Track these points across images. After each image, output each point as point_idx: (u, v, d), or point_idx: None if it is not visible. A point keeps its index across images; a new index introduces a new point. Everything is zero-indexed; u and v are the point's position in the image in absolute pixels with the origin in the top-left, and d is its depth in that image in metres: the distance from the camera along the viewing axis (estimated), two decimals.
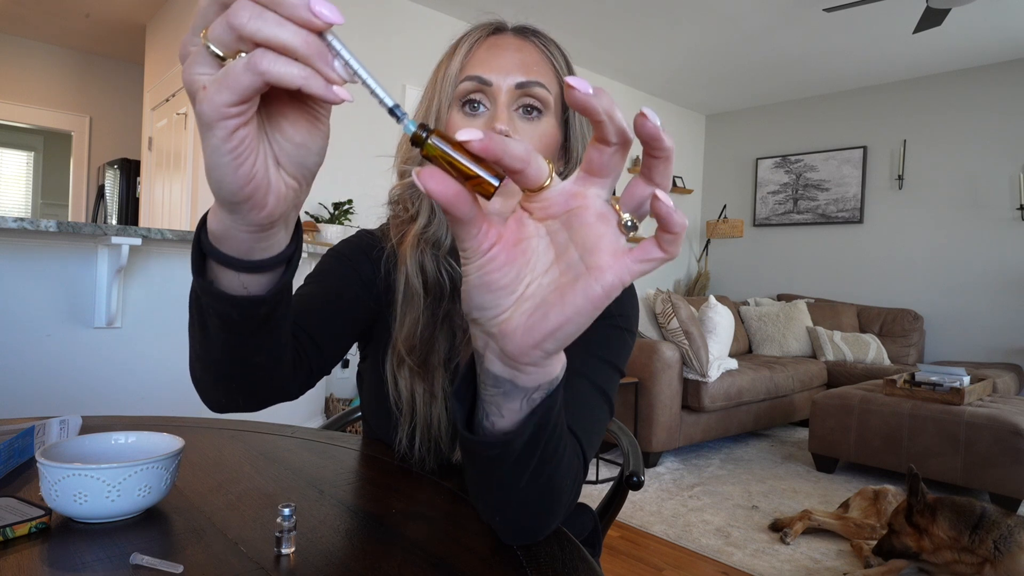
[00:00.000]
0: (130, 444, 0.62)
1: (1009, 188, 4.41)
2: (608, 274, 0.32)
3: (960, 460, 2.69)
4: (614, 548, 2.20)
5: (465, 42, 0.71)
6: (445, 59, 0.72)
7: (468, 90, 0.68)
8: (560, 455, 0.47)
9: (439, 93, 0.70)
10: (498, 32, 0.72)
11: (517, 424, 0.42)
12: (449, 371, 0.71)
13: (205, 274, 0.45)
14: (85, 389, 1.99)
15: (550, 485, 0.48)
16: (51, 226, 1.74)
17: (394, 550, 0.51)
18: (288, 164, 0.37)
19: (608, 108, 0.29)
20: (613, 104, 0.29)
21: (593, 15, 4.02)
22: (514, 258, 0.34)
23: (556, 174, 0.75)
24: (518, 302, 0.34)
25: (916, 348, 4.49)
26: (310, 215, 3.49)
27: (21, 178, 6.46)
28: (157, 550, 0.50)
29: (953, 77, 4.70)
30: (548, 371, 0.39)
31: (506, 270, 0.34)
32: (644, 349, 3.13)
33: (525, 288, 0.34)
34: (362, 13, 3.72)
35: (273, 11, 0.30)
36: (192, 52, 0.32)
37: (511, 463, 0.43)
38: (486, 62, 0.68)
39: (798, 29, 4.10)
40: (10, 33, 4.84)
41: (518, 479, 0.45)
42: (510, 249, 0.34)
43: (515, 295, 0.34)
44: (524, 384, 0.39)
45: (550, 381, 0.40)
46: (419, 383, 0.69)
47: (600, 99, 0.29)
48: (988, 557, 1.77)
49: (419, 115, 0.72)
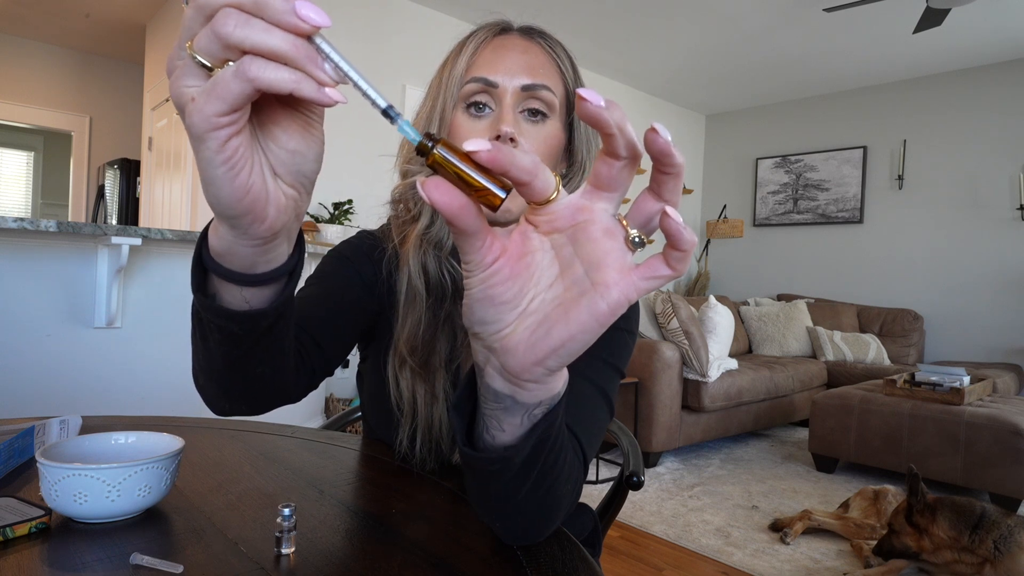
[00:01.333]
0: (130, 444, 0.62)
1: (1009, 188, 4.41)
2: (614, 291, 0.31)
3: (960, 460, 2.69)
4: (614, 548, 2.20)
5: (471, 42, 0.70)
6: (450, 59, 0.71)
7: (473, 91, 0.67)
8: (560, 467, 0.47)
9: (444, 93, 0.69)
10: (504, 33, 0.71)
11: (518, 439, 0.41)
12: (451, 372, 0.70)
13: (206, 290, 0.44)
14: (85, 389, 1.99)
15: (550, 495, 0.48)
16: (51, 226, 1.74)
17: (394, 550, 0.51)
18: (285, 173, 0.36)
19: (619, 121, 0.29)
20: (624, 117, 0.29)
21: (593, 15, 4.02)
22: (518, 272, 0.33)
23: (560, 176, 0.75)
24: (521, 317, 0.34)
25: (916, 348, 4.49)
26: (310, 215, 3.49)
27: (21, 178, 6.46)
28: (157, 550, 0.50)
29: (953, 77, 4.70)
30: (550, 387, 0.38)
31: (509, 284, 0.33)
32: (644, 349, 3.13)
33: (528, 303, 0.34)
34: (362, 13, 3.72)
35: (259, 18, 0.29)
36: (179, 65, 0.32)
37: (511, 477, 0.43)
38: (492, 63, 0.67)
39: (798, 29, 4.10)
40: (10, 33, 4.84)
41: (517, 491, 0.45)
42: (514, 263, 0.33)
43: (518, 310, 0.34)
44: (525, 400, 0.38)
45: (552, 397, 0.39)
46: (420, 384, 0.68)
47: (612, 112, 0.28)
48: (988, 557, 1.77)
49: (423, 115, 0.72)
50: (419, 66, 3.88)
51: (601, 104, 0.28)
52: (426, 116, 0.71)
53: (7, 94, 4.87)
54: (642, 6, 3.88)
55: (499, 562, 0.50)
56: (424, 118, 0.71)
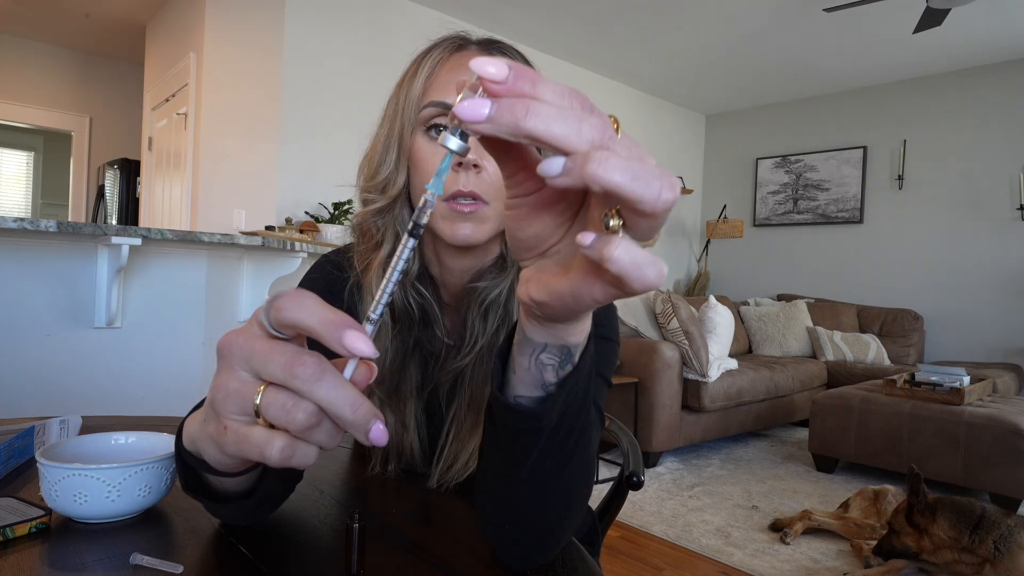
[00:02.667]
0: (130, 444, 0.62)
1: (1009, 188, 4.41)
2: (575, 282, 0.30)
3: (960, 460, 2.69)
4: (614, 548, 2.19)
5: (427, 62, 0.66)
6: (406, 80, 0.67)
7: (432, 115, 0.65)
8: (581, 453, 0.45)
9: (401, 117, 0.66)
10: (462, 49, 0.67)
11: (535, 401, 0.40)
12: (422, 399, 0.69)
13: (189, 480, 0.47)
14: (85, 389, 1.99)
15: (568, 480, 0.46)
16: (51, 226, 1.74)
17: (394, 550, 0.51)
18: None
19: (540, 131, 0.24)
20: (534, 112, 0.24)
21: (593, 15, 4.02)
22: (536, 217, 0.31)
23: None
24: (539, 257, 0.33)
25: (916, 348, 4.49)
26: (310, 215, 3.49)
27: (21, 178, 6.46)
28: (157, 550, 0.50)
29: (953, 77, 4.70)
30: (553, 333, 0.37)
31: (524, 224, 0.32)
32: (644, 349, 3.13)
33: (550, 247, 0.32)
34: (362, 13, 3.72)
35: (334, 413, 0.30)
36: (238, 389, 0.32)
37: (534, 442, 0.42)
38: (449, 85, 0.65)
39: (798, 29, 4.10)
40: (10, 33, 4.84)
41: (533, 459, 0.43)
42: (537, 208, 0.31)
43: (534, 251, 0.33)
44: (531, 336, 0.37)
45: (559, 346, 0.38)
46: (389, 413, 0.68)
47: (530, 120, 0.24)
48: (988, 557, 1.77)
49: (380, 138, 0.69)
50: None
51: None
52: (384, 141, 0.68)
53: (7, 94, 4.87)
54: (642, 6, 3.88)
55: (499, 562, 0.50)
56: (382, 143, 0.68)
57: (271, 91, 3.45)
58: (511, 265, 0.69)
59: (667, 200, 0.24)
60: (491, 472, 0.48)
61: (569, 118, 0.24)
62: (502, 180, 0.64)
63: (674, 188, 0.24)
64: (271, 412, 0.30)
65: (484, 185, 0.63)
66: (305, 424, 0.30)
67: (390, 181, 0.67)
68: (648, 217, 0.25)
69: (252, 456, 0.31)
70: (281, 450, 0.30)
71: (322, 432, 0.30)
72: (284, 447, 0.30)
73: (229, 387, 0.32)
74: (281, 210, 3.47)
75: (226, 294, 2.30)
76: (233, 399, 0.32)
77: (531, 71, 0.25)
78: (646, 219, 0.25)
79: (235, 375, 0.32)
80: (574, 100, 0.26)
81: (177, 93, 3.80)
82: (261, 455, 0.31)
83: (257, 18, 3.45)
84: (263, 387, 0.31)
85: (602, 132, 0.24)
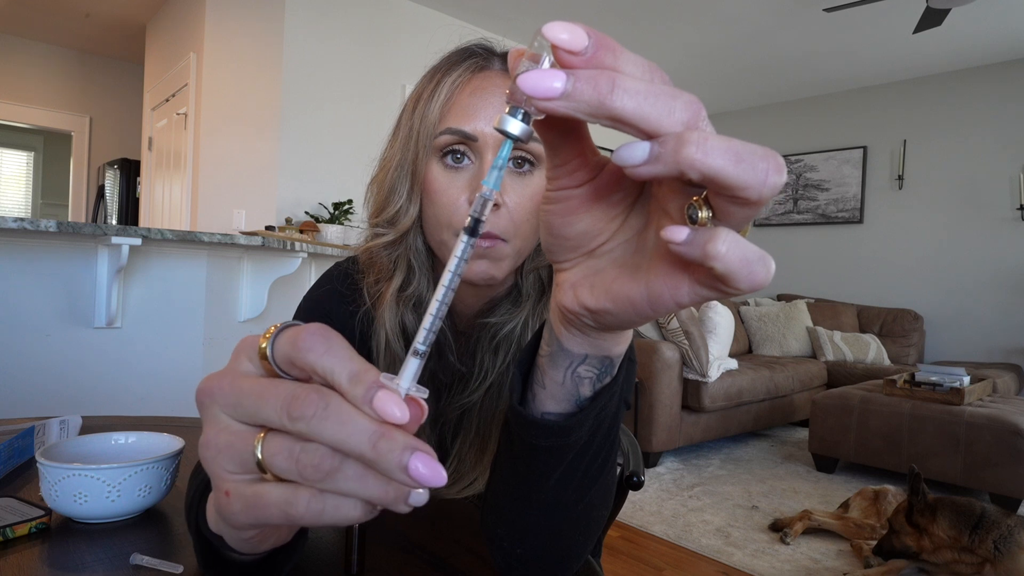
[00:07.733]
0: (130, 444, 0.62)
1: (1009, 188, 4.41)
2: (658, 284, 0.25)
3: (960, 460, 2.69)
4: (614, 548, 2.19)
5: (445, 83, 0.61)
6: (424, 97, 0.62)
7: (449, 142, 0.60)
8: (604, 476, 0.41)
9: (416, 143, 0.61)
10: (484, 70, 0.62)
11: (568, 416, 0.36)
12: (435, 432, 0.68)
13: (208, 559, 0.40)
14: (85, 389, 1.99)
15: (588, 500, 0.41)
16: (51, 226, 1.74)
17: (394, 550, 0.51)
18: None
19: None
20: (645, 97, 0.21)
21: (594, 15, 4.02)
22: (585, 210, 0.27)
23: None
24: (583, 257, 0.29)
25: (916, 348, 4.49)
26: (310, 215, 3.49)
27: (21, 178, 6.46)
28: (157, 550, 0.50)
29: (953, 77, 4.70)
30: (596, 344, 0.32)
31: (571, 220, 0.27)
32: (644, 349, 3.13)
33: (599, 246, 0.28)
34: (362, 13, 3.72)
35: (365, 459, 0.23)
36: (230, 442, 0.26)
37: (558, 460, 0.38)
38: (469, 111, 0.59)
39: (798, 29, 4.10)
40: (10, 33, 4.84)
41: (550, 479, 0.40)
42: (587, 201, 0.27)
43: (580, 250, 0.29)
44: (569, 348, 0.33)
45: (600, 358, 0.33)
46: None
47: None
48: (988, 557, 1.77)
49: (392, 162, 0.64)
50: (419, 66, 3.87)
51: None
52: (395, 168, 0.63)
53: (7, 94, 4.87)
54: (642, 6, 3.88)
55: None
56: (393, 169, 0.64)
57: (271, 91, 3.45)
58: (527, 298, 0.65)
59: (775, 184, 0.20)
60: (505, 496, 0.43)
61: (660, 95, 0.21)
62: (520, 217, 0.61)
63: (781, 170, 0.20)
64: (278, 463, 0.24)
65: (503, 223, 0.59)
66: (322, 471, 0.23)
67: (402, 213, 0.63)
68: (751, 205, 0.21)
69: (272, 519, 0.25)
70: (308, 503, 0.24)
71: (350, 478, 0.23)
72: (311, 499, 0.24)
73: (219, 442, 0.26)
74: (281, 210, 3.47)
75: (226, 294, 2.30)
76: (227, 455, 0.25)
77: (611, 40, 0.21)
78: (746, 208, 0.21)
79: (223, 426, 0.26)
80: (656, 75, 0.22)
81: (177, 93, 3.80)
82: (285, 516, 0.24)
83: (257, 18, 3.45)
84: (262, 434, 0.25)
85: (696, 113, 0.21)
